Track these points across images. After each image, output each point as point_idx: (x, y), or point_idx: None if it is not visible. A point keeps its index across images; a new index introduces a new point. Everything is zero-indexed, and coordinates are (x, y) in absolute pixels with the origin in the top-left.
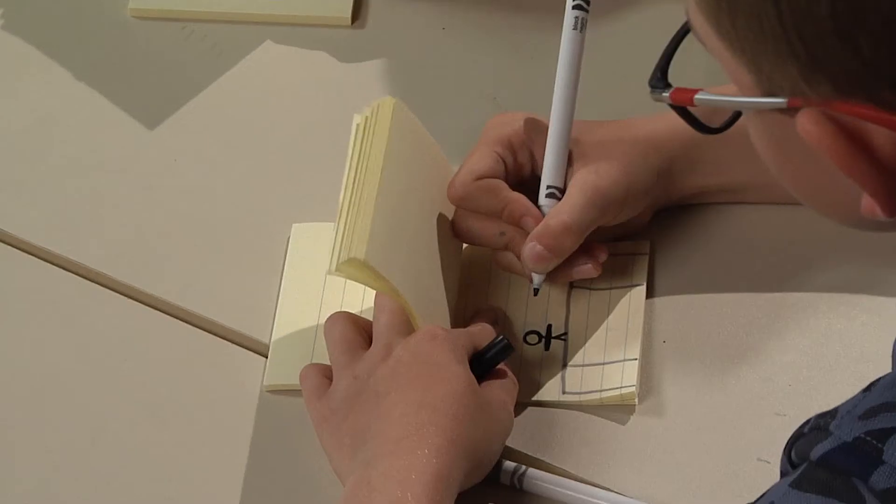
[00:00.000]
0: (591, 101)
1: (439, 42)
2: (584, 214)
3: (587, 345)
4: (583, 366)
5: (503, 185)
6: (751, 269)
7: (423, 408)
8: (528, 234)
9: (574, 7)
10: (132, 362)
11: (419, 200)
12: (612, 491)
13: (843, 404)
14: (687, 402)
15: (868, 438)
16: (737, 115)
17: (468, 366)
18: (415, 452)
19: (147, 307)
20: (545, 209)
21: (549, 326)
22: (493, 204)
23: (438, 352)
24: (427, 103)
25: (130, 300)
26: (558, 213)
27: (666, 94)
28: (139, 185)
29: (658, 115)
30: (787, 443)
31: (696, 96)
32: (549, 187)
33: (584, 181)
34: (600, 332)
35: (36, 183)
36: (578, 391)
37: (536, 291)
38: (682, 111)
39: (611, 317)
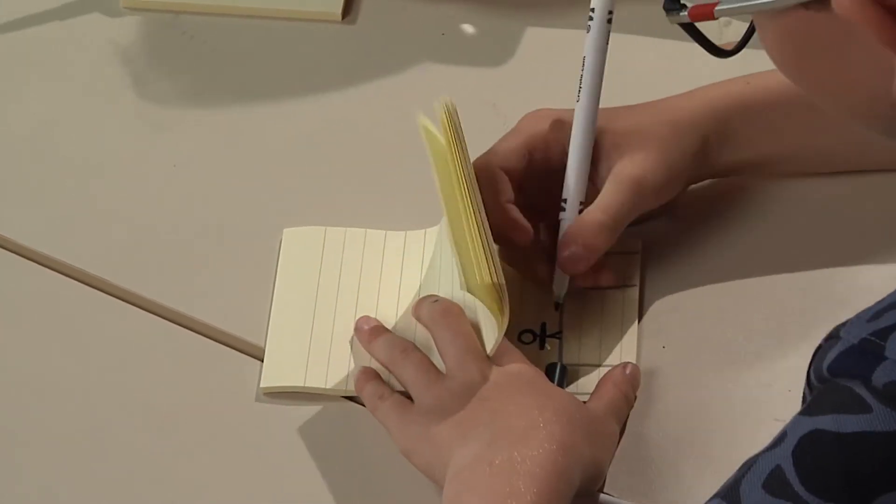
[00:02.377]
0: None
1: (436, 45)
2: (621, 209)
3: (582, 345)
4: (578, 365)
5: (507, 189)
6: (750, 275)
7: (545, 409)
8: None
9: (608, 21)
10: (129, 366)
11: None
12: None
13: (858, 312)
14: (686, 408)
15: (872, 338)
16: (750, 33)
17: None
18: (543, 445)
19: (142, 311)
20: (564, 223)
21: (544, 325)
22: (487, 198)
23: (538, 374)
24: (423, 106)
25: (126, 304)
26: (593, 211)
27: (684, 14)
28: (135, 189)
29: (686, 94)
30: (808, 366)
31: (717, 8)
32: (564, 200)
33: (619, 173)
34: (595, 333)
35: (33, 188)
36: (575, 391)
37: (558, 305)
38: (696, 34)
39: (605, 318)
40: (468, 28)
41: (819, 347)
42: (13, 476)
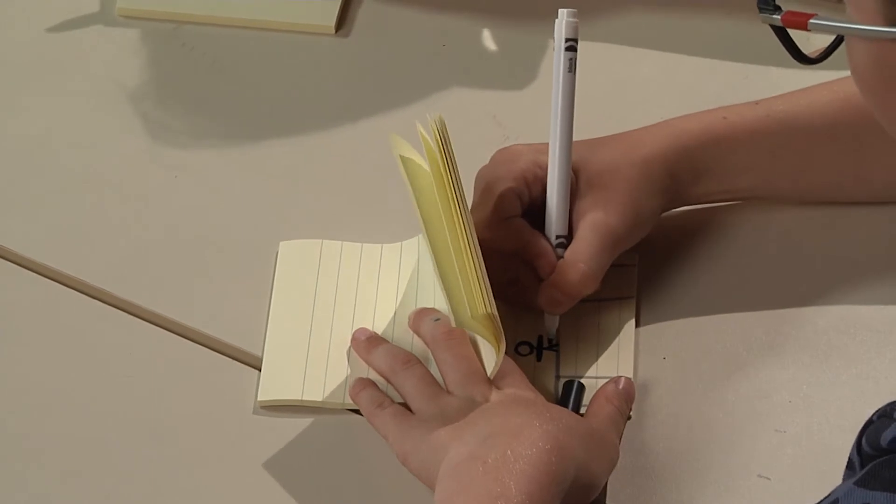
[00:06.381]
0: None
1: (430, 56)
2: (601, 258)
3: (579, 357)
4: (575, 377)
5: (525, 225)
6: (750, 286)
7: (539, 416)
8: (539, 273)
9: (567, 49)
10: (127, 376)
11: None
12: None
13: None
14: (686, 419)
15: None
16: (836, 44)
17: None
18: (537, 444)
19: (141, 321)
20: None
21: (540, 337)
22: (513, 244)
23: (538, 397)
24: (416, 116)
25: (125, 314)
26: (575, 261)
27: (777, 17)
28: (134, 200)
29: (656, 127)
30: (858, 434)
31: (812, 21)
32: (557, 237)
33: (594, 222)
34: (592, 345)
35: (33, 199)
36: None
37: (551, 342)
38: (784, 37)
39: (602, 330)
40: (463, 40)
41: (870, 422)
42: (12, 484)
